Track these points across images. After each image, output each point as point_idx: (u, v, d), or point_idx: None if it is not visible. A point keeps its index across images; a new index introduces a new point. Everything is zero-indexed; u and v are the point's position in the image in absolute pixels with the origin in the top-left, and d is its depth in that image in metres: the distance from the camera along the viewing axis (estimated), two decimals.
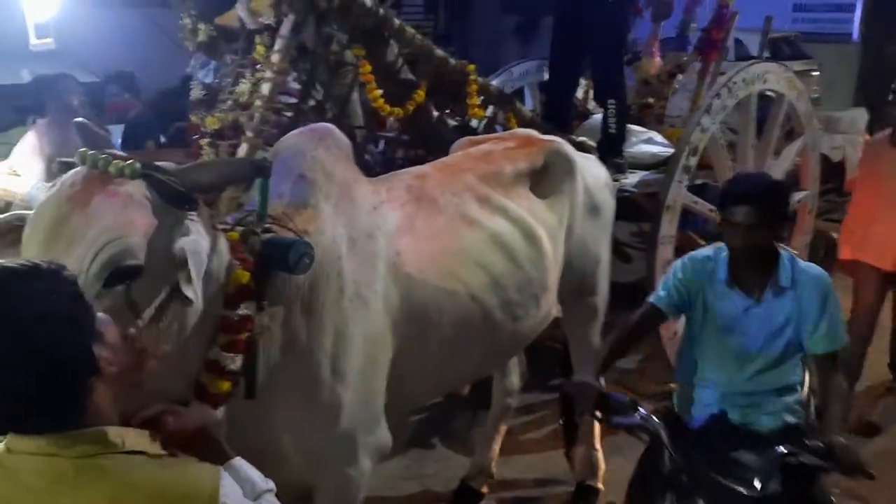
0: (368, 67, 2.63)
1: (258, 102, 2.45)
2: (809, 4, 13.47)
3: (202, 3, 2.97)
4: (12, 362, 1.01)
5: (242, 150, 2.43)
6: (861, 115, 6.37)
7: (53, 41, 3.15)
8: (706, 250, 2.21)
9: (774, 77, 3.88)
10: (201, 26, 2.94)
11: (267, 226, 1.74)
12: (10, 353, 1.01)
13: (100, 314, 1.14)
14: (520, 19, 11.76)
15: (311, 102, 2.79)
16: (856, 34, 12.48)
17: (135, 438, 1.10)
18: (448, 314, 2.15)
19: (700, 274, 2.12)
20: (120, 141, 4.36)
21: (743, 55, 10.89)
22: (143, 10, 7.08)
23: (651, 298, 2.21)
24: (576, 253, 2.68)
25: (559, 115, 3.75)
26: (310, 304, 1.81)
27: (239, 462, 1.25)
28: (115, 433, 1.08)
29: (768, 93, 4.00)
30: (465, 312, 2.19)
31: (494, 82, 4.64)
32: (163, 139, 4.37)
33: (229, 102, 2.61)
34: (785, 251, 2.09)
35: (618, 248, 4.77)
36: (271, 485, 1.25)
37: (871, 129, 5.28)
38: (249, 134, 2.43)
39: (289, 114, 2.62)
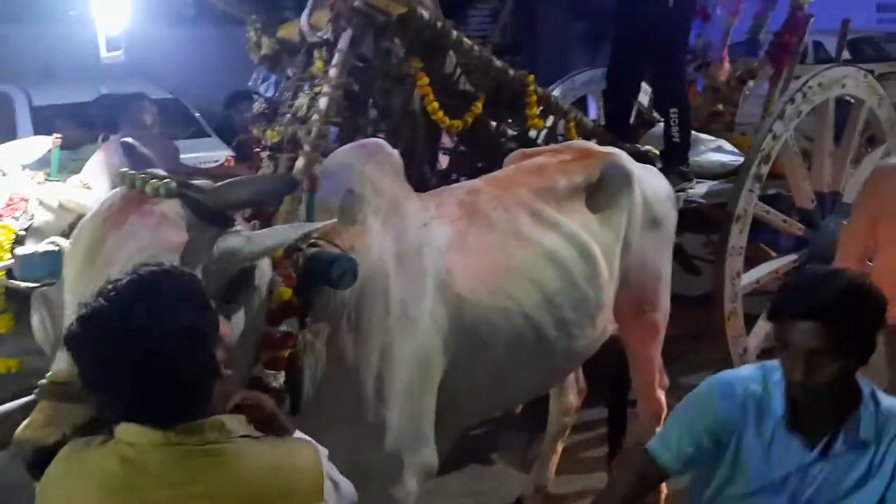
0: (426, 80, 2.62)
1: (315, 116, 2.47)
2: (895, 4, 12.83)
3: (266, 17, 3.04)
4: (149, 368, 1.12)
5: (300, 164, 2.45)
6: None
7: (123, 54, 3.27)
8: (748, 371, 1.62)
9: (853, 82, 3.68)
10: (265, 40, 3.00)
11: (312, 241, 1.75)
12: (148, 360, 1.12)
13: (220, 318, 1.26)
14: (588, 25, 11.61)
15: (370, 115, 2.80)
16: None
17: (240, 425, 1.23)
18: (500, 333, 2.12)
19: (738, 411, 1.53)
20: None
21: (823, 58, 10.50)
22: (213, 26, 7.34)
23: (651, 445, 1.61)
24: (634, 268, 2.60)
25: (620, 125, 3.66)
26: (356, 322, 1.81)
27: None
28: (230, 421, 1.21)
29: (847, 98, 3.80)
30: (517, 331, 2.15)
31: (557, 91, 4.59)
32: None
33: (288, 116, 2.64)
34: (868, 386, 1.52)
35: (686, 261, 4.64)
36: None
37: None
38: (307, 148, 2.45)
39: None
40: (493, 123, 3.07)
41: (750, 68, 4.27)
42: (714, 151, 3.83)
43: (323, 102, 2.46)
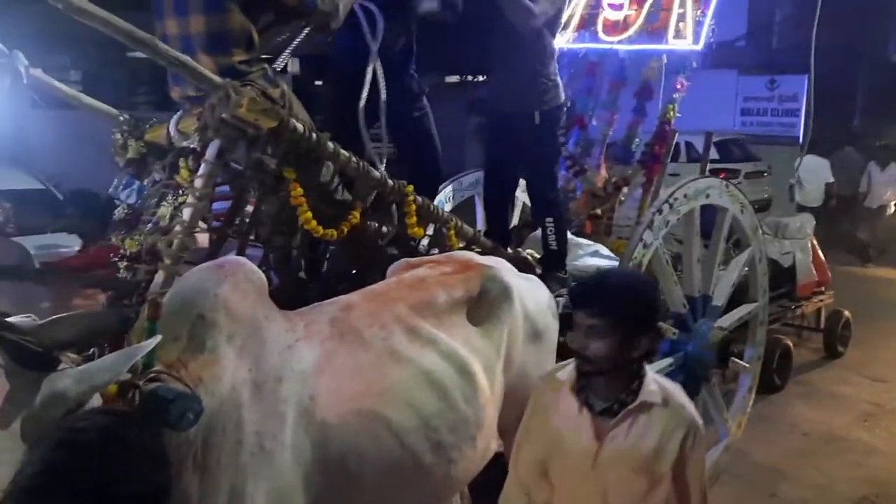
0: (300, 190, 2.55)
1: (178, 227, 2.34)
2: (756, 108, 14.14)
3: (134, 118, 2.92)
4: None
5: (159, 278, 2.30)
6: (808, 220, 6.50)
7: None
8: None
9: (716, 192, 3.92)
10: (131, 142, 2.86)
11: (153, 374, 1.60)
12: None
13: None
14: (482, 122, 12.06)
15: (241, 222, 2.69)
16: (801, 137, 13.04)
17: None
18: (371, 463, 1.99)
19: None
20: None
21: (694, 156, 11.32)
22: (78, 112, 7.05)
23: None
24: (517, 383, 2.55)
25: (501, 230, 3.72)
26: (202, 461, 1.65)
27: None
28: None
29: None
30: (391, 459, 2.03)
31: (449, 189, 4.66)
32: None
33: (150, 225, 2.50)
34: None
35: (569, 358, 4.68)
36: None
37: None
38: (167, 260, 2.30)
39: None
40: (375, 226, 3.03)
41: (625, 175, 4.49)
42: (591, 256, 3.95)
43: (187, 213, 2.34)
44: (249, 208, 2.67)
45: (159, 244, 2.37)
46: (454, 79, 14.98)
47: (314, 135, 2.54)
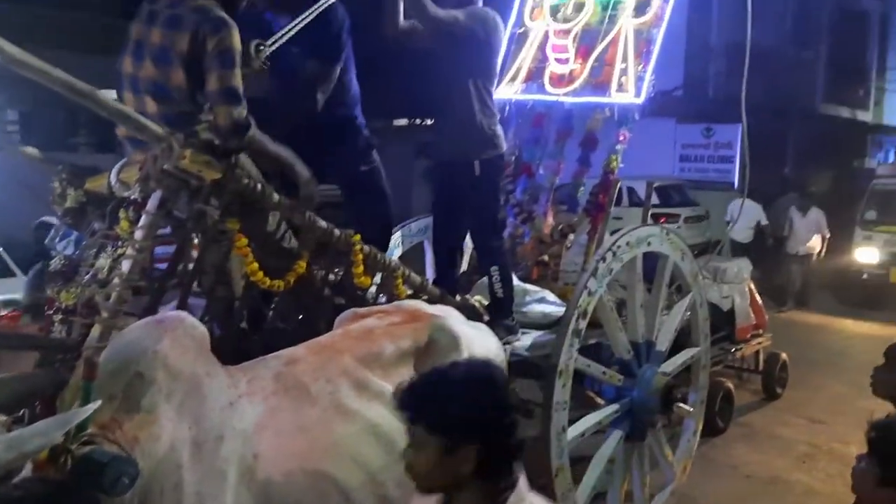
0: (244, 241, 2.52)
1: (116, 280, 2.27)
2: (694, 155, 14.70)
3: (73, 167, 2.85)
4: None
5: (95, 332, 2.22)
6: (745, 265, 6.72)
7: None
8: None
9: (657, 240, 4.02)
10: (70, 192, 2.79)
11: (87, 437, 1.54)
12: None
13: None
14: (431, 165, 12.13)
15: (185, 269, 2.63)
16: (736, 183, 13.59)
17: None
18: None
19: None
20: None
21: (636, 201, 11.64)
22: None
23: None
24: None
25: (449, 276, 3.73)
26: None
27: None
28: None
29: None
30: None
31: (397, 234, 4.65)
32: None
33: (87, 277, 2.42)
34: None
35: (520, 405, 4.68)
36: None
37: None
38: (104, 314, 2.23)
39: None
40: (322, 275, 3.00)
41: (571, 222, 4.58)
42: (538, 302, 3.99)
43: (126, 265, 2.28)
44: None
45: (97, 297, 2.30)
46: (402, 122, 15.14)
47: (259, 186, 2.52)
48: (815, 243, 10.16)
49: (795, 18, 18.43)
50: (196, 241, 2.57)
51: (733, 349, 6.19)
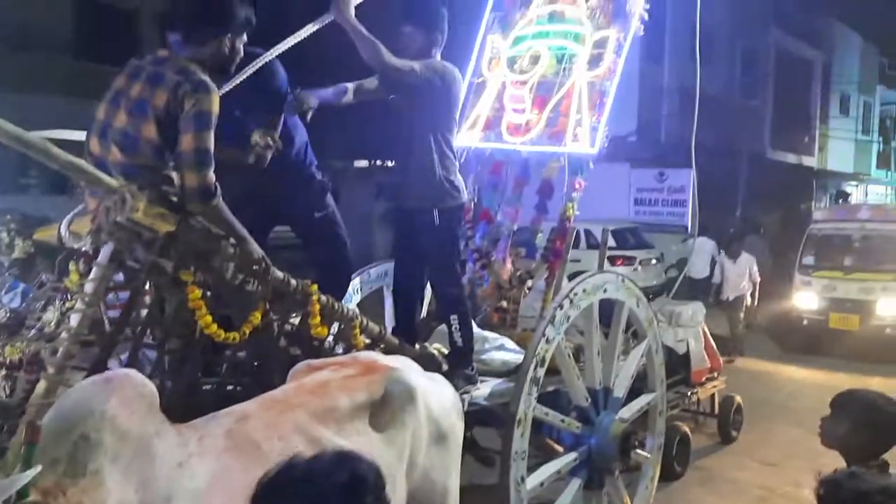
0: (198, 293, 2.48)
1: (64, 334, 2.21)
2: (648, 199, 15.06)
3: (22, 217, 2.79)
4: None
5: (41, 388, 2.15)
6: (699, 308, 6.84)
7: None
8: None
9: (613, 286, 4.09)
10: (18, 242, 2.73)
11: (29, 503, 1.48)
12: None
13: None
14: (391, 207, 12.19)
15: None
16: (689, 226, 13.93)
17: None
18: None
19: None
20: None
21: (593, 243, 11.84)
22: None
23: None
24: (421, 487, 2.52)
25: (408, 324, 3.73)
26: None
27: None
28: None
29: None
30: None
31: (356, 281, 4.62)
32: None
33: (34, 331, 2.35)
34: None
35: (479, 453, 4.66)
36: None
37: None
38: (51, 370, 2.16)
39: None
40: (277, 325, 2.96)
41: (529, 269, 4.63)
42: (497, 350, 4.00)
43: (74, 319, 2.22)
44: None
45: (43, 352, 2.23)
46: (363, 163, 15.20)
47: (215, 238, 2.50)
48: (746, 289, 9.72)
49: (743, 67, 19.25)
50: (149, 292, 2.53)
51: (689, 393, 6.27)
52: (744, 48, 18.80)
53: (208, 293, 2.55)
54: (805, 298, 10.38)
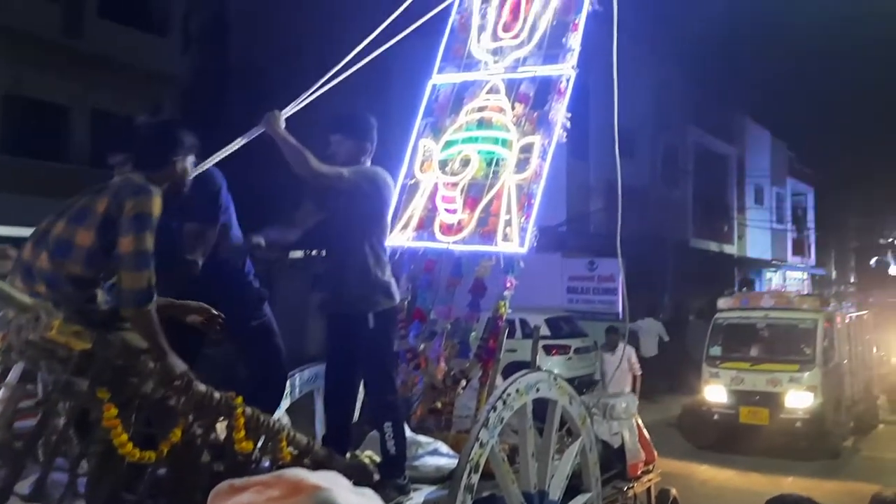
0: (114, 411, 2.37)
1: None
2: (580, 287, 15.41)
3: None
4: None
5: None
6: (632, 400, 6.91)
7: None
8: None
9: (546, 385, 4.10)
10: None
11: None
12: None
13: None
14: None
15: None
16: (621, 313, 14.27)
17: None
18: None
19: None
20: None
21: (528, 332, 11.95)
22: None
23: None
24: None
25: (339, 430, 3.63)
26: None
27: None
28: None
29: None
30: None
31: None
32: None
33: None
34: None
35: None
36: None
37: None
38: None
39: None
40: (199, 441, 2.83)
41: (463, 368, 4.61)
42: (431, 455, 3.92)
43: None
44: None
45: None
46: (298, 254, 15.08)
47: (134, 353, 2.41)
48: (626, 384, 9.03)
49: (664, 161, 20.33)
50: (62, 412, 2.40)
51: (626, 487, 6.23)
52: (665, 144, 19.92)
53: (126, 410, 2.44)
54: (714, 391, 9.94)
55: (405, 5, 4.63)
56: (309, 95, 3.75)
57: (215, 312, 2.96)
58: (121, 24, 13.68)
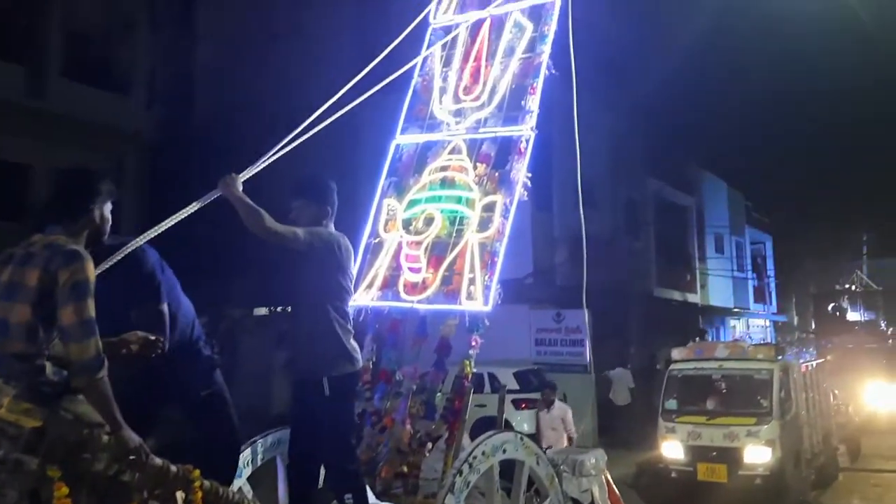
0: (65, 490, 2.28)
1: None
2: (548, 339, 15.41)
3: None
4: None
5: None
6: (601, 455, 6.88)
7: None
8: None
9: (512, 446, 4.08)
10: None
11: None
12: None
13: None
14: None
15: None
16: (588, 365, 14.30)
17: None
18: None
19: None
20: None
21: (496, 386, 11.89)
22: None
23: None
24: None
25: (302, 498, 3.55)
26: None
27: None
28: None
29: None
30: None
31: (245, 452, 4.37)
32: None
33: None
34: None
35: None
36: None
37: None
38: None
39: None
40: None
41: (429, 430, 4.55)
42: None
43: None
44: None
45: None
46: (263, 311, 14.92)
47: (84, 429, 2.35)
48: (561, 444, 8.54)
49: (626, 213, 20.72)
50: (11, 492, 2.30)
51: None
52: (626, 197, 20.34)
53: (78, 489, 2.35)
54: (671, 448, 9.44)
55: (368, 68, 4.73)
56: (268, 158, 3.78)
57: (153, 338, 2.84)
58: (84, 83, 13.68)
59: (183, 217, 3.16)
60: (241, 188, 3.25)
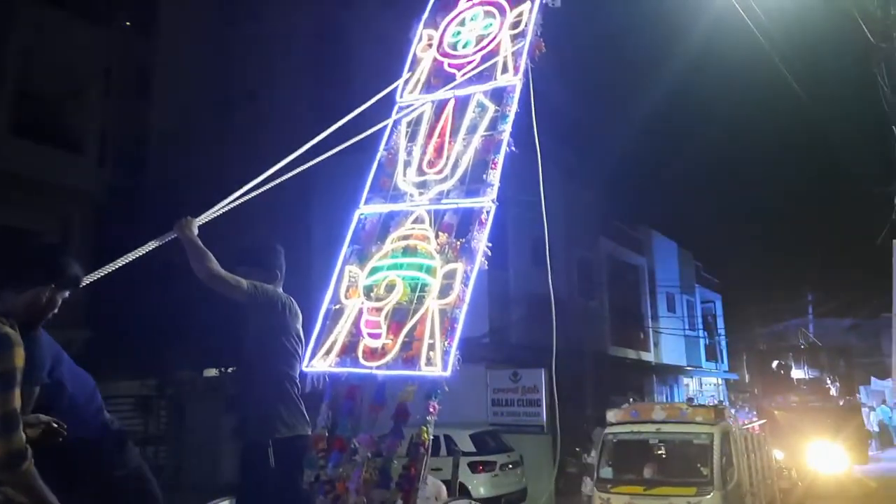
0: None
1: None
2: (504, 399, 15.35)
3: None
4: None
5: None
6: None
7: None
8: None
9: None
10: None
11: None
12: None
13: None
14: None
15: None
16: (545, 426, 14.25)
17: None
18: None
19: None
20: None
21: (452, 448, 11.72)
22: None
23: None
24: None
25: None
26: None
27: None
28: None
29: None
30: None
31: None
32: None
33: None
34: None
35: None
36: None
37: None
38: None
39: None
40: None
41: (384, 500, 4.47)
42: None
43: None
44: None
45: None
46: (213, 372, 14.54)
47: None
48: None
49: (580, 273, 21.06)
50: None
51: None
52: (580, 257, 20.71)
53: None
54: None
55: (330, 130, 4.83)
56: (227, 205, 3.86)
57: (55, 424, 2.51)
58: (35, 142, 13.48)
59: (138, 256, 3.21)
60: (196, 232, 3.32)
